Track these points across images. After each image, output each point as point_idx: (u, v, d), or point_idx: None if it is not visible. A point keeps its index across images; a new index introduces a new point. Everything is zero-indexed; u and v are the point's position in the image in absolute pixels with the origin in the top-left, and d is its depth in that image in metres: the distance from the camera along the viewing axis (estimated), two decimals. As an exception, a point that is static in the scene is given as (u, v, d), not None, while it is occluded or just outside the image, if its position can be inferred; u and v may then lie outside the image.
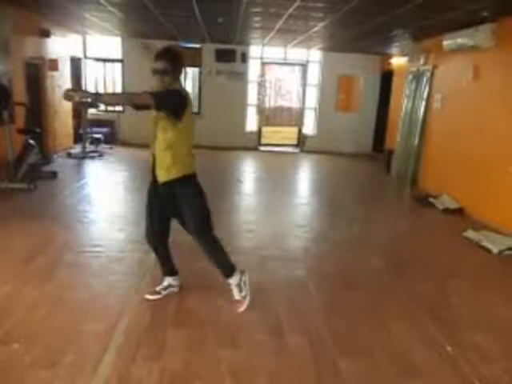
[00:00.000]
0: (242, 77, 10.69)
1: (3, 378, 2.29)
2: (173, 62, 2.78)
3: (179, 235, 3.20)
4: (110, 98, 3.32)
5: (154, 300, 3.15)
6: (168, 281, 3.23)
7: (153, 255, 3.87)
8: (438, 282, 3.84)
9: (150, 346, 2.63)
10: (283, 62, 10.91)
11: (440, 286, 3.77)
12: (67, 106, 9.22)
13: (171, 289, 3.23)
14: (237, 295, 3.11)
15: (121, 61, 10.48)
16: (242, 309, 3.08)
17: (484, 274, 4.15)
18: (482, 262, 4.45)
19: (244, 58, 10.54)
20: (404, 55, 8.68)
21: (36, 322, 2.82)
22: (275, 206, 6.11)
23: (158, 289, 3.20)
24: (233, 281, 3.10)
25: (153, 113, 2.79)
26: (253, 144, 11.15)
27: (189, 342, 2.69)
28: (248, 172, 9.08)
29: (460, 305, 3.43)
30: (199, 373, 2.43)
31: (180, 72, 2.88)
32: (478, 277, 4.06)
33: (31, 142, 6.47)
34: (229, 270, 3.10)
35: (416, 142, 7.64)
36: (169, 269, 3.23)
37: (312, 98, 11.27)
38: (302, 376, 2.48)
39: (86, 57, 10.39)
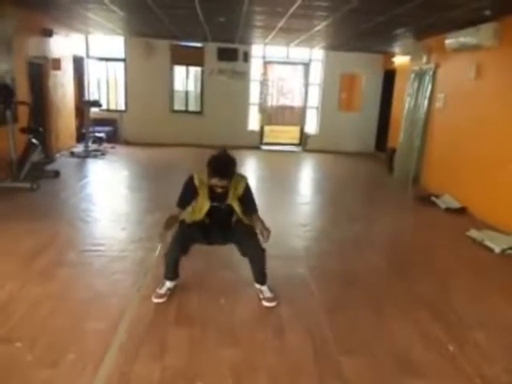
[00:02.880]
0: (244, 76, 10.68)
1: (5, 377, 2.30)
2: (232, 175, 2.92)
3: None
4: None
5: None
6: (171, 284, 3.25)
7: (155, 254, 3.91)
8: (440, 281, 3.84)
9: (151, 344, 2.64)
10: (285, 60, 10.88)
11: (442, 284, 3.77)
12: (70, 105, 9.26)
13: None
14: (267, 293, 3.24)
15: (123, 60, 10.50)
16: (273, 304, 3.18)
17: (486, 273, 4.14)
18: (484, 261, 4.44)
19: (246, 57, 10.54)
20: (406, 54, 8.65)
21: (38, 320, 2.83)
22: (277, 204, 6.10)
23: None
24: (267, 285, 3.27)
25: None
26: (255, 143, 11.15)
27: (190, 341, 2.70)
28: (250, 171, 9.07)
29: (462, 304, 3.43)
30: (201, 371, 2.43)
31: None
32: (480, 276, 4.06)
33: (34, 141, 6.49)
34: (266, 276, 3.28)
35: (418, 141, 7.63)
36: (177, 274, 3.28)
37: (314, 97, 11.25)
38: (304, 374, 2.48)
39: (88, 56, 10.41)
